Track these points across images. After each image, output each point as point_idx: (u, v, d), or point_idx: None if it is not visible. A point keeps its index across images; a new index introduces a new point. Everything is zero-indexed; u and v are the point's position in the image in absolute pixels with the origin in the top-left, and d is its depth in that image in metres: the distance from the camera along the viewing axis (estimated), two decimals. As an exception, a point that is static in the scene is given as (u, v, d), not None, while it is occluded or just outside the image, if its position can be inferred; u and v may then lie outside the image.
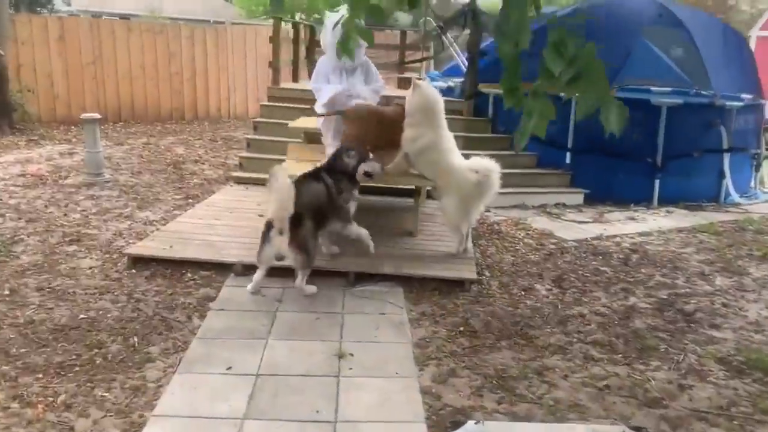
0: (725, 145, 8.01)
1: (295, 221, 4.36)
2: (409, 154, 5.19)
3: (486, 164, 5.12)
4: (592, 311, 4.54)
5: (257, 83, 13.93)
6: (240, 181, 7.52)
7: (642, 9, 8.15)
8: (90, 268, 4.93)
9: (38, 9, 19.22)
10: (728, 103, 7.91)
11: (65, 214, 6.26)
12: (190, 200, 6.96)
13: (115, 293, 4.48)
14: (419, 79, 5.88)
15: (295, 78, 9.64)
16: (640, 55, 7.91)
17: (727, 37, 8.33)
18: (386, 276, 4.85)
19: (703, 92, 8.07)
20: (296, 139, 6.66)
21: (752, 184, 8.77)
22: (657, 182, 7.87)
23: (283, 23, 8.74)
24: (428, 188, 5.92)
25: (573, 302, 4.69)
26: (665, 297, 4.85)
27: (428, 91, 5.14)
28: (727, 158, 8.08)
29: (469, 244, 5.38)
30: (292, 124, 6.29)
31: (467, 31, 8.32)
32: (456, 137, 5.36)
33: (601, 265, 5.51)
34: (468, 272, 4.86)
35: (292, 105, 8.20)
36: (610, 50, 8.16)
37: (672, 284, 5.14)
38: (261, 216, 6.10)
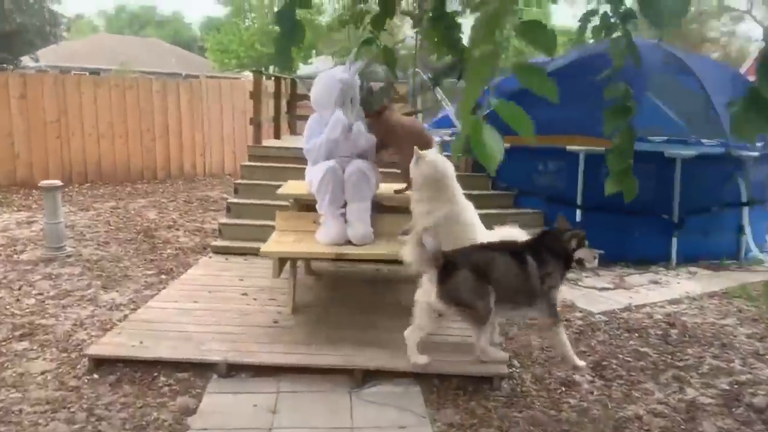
0: (744, 199, 7.48)
1: (449, 269, 3.81)
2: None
3: (516, 237, 4.45)
4: (648, 410, 3.81)
5: (234, 139, 13.27)
6: (219, 250, 6.73)
7: (645, 55, 7.67)
8: (42, 373, 4.08)
9: (3, 65, 18.49)
10: (743, 153, 7.42)
11: (17, 300, 5.40)
12: (164, 276, 6.14)
13: (72, 409, 3.64)
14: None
15: (277, 134, 8.99)
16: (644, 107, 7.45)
17: (735, 83, 7.92)
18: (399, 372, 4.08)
19: (708, 142, 7.63)
20: (283, 202, 5.91)
21: (768, 237, 8.24)
22: (675, 240, 7.28)
23: (263, 77, 8.13)
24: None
25: (623, 399, 3.96)
26: (727, 387, 4.15)
27: (435, 162, 4.50)
28: (746, 212, 7.54)
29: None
30: (281, 189, 5.56)
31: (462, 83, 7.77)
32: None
33: (640, 346, 4.81)
34: (497, 365, 4.11)
35: (275, 164, 7.52)
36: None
37: (728, 369, 4.45)
38: (245, 295, 5.36)
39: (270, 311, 4.98)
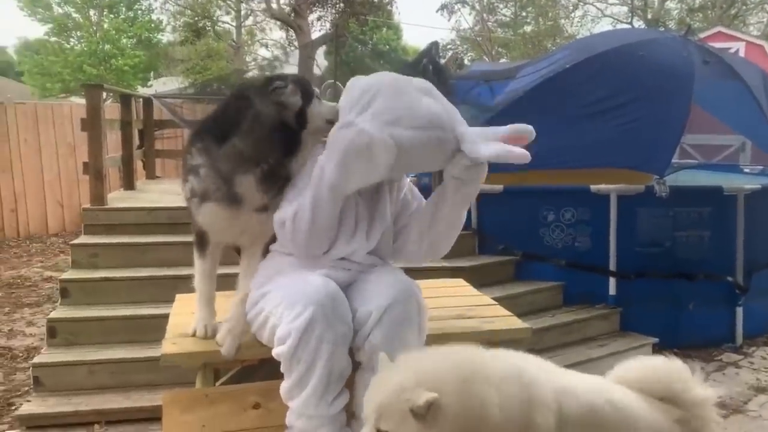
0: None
1: None
2: None
3: None
4: None
5: (61, 184, 9.64)
6: (32, 422, 3.50)
7: (677, 52, 5.57)
8: None
9: None
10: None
11: None
12: None
13: None
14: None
15: (130, 183, 5.82)
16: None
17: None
18: None
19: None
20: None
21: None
22: (740, 310, 5.14)
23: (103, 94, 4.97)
24: None
25: None
26: None
27: None
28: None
29: None
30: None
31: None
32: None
33: None
34: None
35: (135, 239, 4.43)
36: (662, 107, 5.49)
37: None
38: None
39: None
